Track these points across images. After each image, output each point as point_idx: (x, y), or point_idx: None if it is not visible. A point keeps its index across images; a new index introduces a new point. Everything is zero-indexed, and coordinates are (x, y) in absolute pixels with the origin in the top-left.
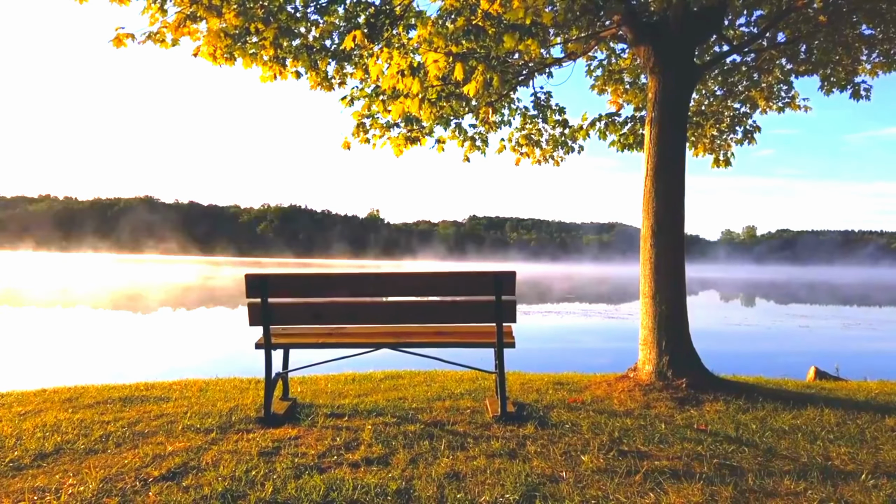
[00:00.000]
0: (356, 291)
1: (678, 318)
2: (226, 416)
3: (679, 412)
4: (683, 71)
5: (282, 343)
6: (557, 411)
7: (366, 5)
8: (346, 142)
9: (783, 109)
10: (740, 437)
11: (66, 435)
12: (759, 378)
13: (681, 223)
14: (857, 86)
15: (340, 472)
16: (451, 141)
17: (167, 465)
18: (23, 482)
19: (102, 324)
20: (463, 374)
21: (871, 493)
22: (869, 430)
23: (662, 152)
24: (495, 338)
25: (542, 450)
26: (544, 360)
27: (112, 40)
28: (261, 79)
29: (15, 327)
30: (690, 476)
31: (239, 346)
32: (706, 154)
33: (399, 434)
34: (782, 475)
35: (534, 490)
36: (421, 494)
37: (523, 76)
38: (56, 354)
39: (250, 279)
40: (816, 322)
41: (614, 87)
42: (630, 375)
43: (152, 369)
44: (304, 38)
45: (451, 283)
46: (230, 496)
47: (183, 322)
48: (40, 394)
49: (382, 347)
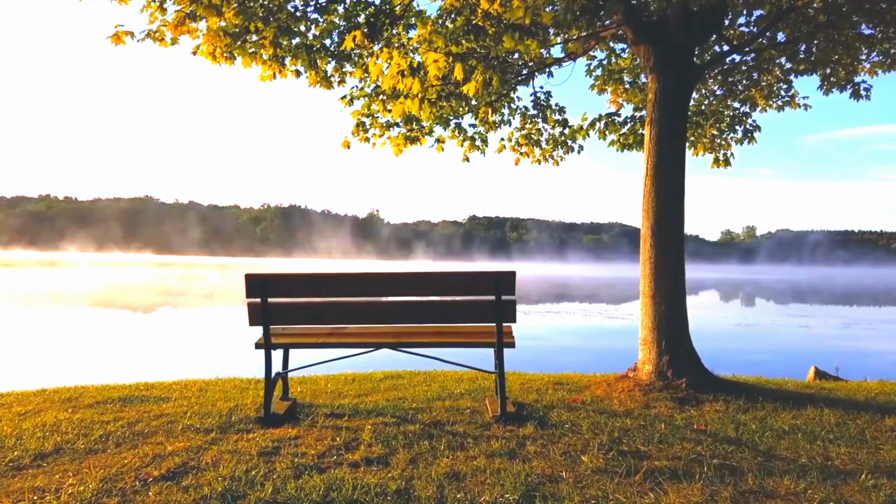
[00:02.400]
0: (356, 291)
1: (678, 318)
2: (226, 416)
3: (679, 412)
4: (683, 70)
5: (282, 343)
6: (557, 411)
7: (366, 5)
8: (345, 141)
9: (783, 108)
10: (740, 437)
11: (66, 435)
12: (759, 378)
13: (681, 223)
14: (856, 85)
15: (340, 472)
16: (450, 141)
17: (167, 465)
18: (22, 482)
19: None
20: (463, 374)
21: (871, 493)
22: (869, 430)
23: (662, 152)
24: (495, 338)
25: (541, 450)
26: (544, 360)
27: (111, 37)
28: (260, 78)
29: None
30: (690, 476)
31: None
32: (706, 153)
33: (399, 434)
34: (782, 475)
35: (533, 490)
36: (421, 494)
37: (523, 76)
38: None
39: (250, 279)
40: (816, 322)
41: (614, 86)
42: (630, 375)
43: (161, 370)
44: (304, 37)
45: (451, 283)
46: (230, 496)
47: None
48: (40, 394)
49: (382, 347)
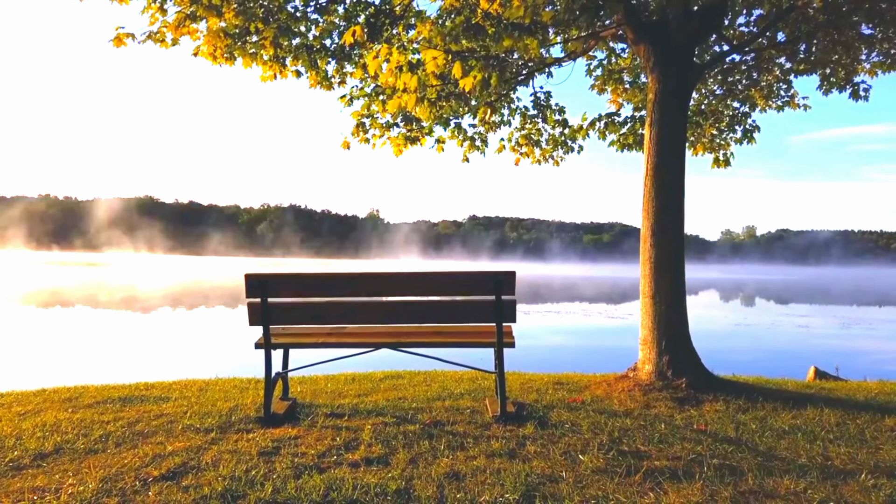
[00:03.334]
0: (356, 291)
1: (678, 317)
2: (226, 416)
3: (679, 412)
4: (683, 70)
5: (282, 343)
6: (557, 411)
7: (366, 5)
8: (345, 141)
9: (782, 108)
10: (740, 437)
11: (66, 435)
12: (759, 378)
13: (681, 223)
14: (856, 85)
15: (340, 471)
16: (450, 141)
17: (167, 465)
18: (22, 482)
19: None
20: (463, 374)
21: (871, 493)
22: (869, 430)
23: (662, 152)
24: (495, 338)
25: (541, 450)
26: (544, 360)
27: (112, 40)
28: (261, 78)
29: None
30: (690, 476)
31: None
32: (705, 153)
33: (399, 434)
34: (782, 475)
35: (533, 490)
36: (421, 494)
37: (523, 76)
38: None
39: (250, 279)
40: (816, 322)
41: (614, 86)
42: (630, 375)
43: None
44: (304, 38)
45: (451, 283)
46: (230, 496)
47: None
48: (40, 394)
49: (382, 347)
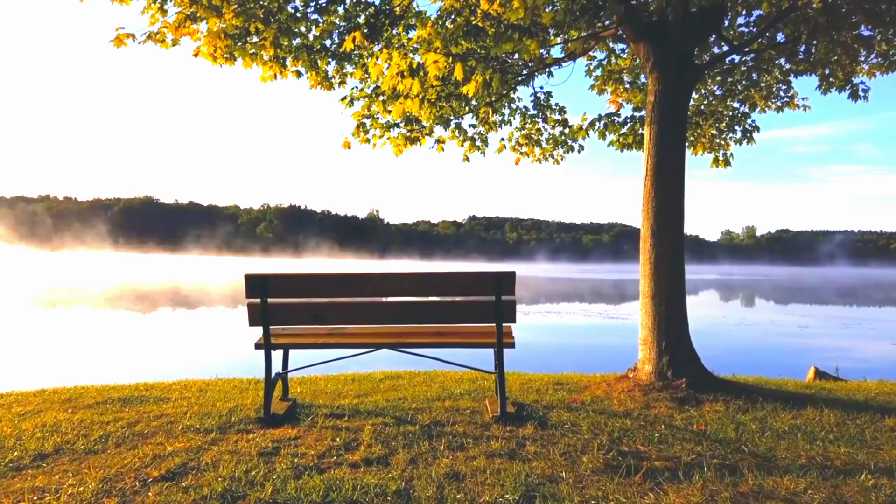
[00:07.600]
0: (356, 291)
1: (678, 318)
2: (225, 417)
3: (679, 412)
4: (683, 71)
5: (282, 343)
6: (557, 411)
7: (366, 5)
8: (346, 142)
9: (782, 109)
10: (740, 438)
11: (66, 435)
12: (759, 378)
13: (680, 223)
14: (855, 86)
15: (340, 472)
16: (450, 141)
17: (167, 466)
18: (22, 482)
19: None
20: (463, 374)
21: (871, 493)
22: (868, 431)
23: (662, 152)
24: (495, 338)
25: (541, 450)
26: (544, 361)
27: (113, 40)
28: (261, 79)
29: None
30: (690, 476)
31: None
32: (705, 153)
33: (399, 434)
34: (782, 475)
35: (533, 490)
36: (420, 495)
37: (523, 76)
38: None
39: (250, 279)
40: (816, 322)
41: (614, 86)
42: (630, 375)
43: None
44: (304, 38)
45: (451, 283)
46: (230, 496)
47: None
48: (40, 394)
49: (382, 347)
